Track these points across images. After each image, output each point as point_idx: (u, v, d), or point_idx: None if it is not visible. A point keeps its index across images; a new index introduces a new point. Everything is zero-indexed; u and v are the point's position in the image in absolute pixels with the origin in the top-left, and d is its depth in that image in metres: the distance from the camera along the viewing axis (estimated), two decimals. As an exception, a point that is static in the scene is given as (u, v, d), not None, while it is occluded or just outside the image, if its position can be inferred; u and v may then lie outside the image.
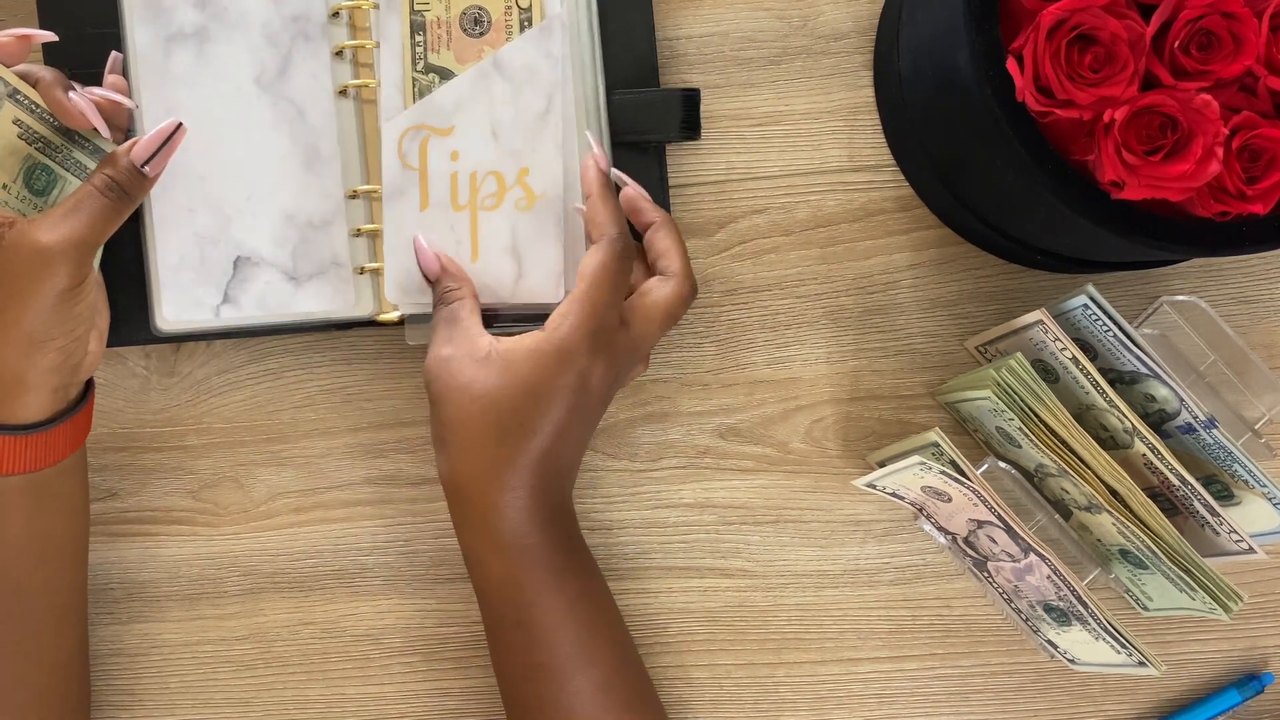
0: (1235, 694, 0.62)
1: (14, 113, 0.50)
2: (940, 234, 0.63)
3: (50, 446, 0.51)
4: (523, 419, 0.53)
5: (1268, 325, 0.63)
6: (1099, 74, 0.47)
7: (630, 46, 0.60)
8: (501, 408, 0.53)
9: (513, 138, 0.58)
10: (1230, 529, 0.55)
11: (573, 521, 0.57)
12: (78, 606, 0.58)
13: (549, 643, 0.54)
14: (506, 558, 0.54)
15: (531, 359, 0.53)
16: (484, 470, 0.53)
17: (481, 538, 0.54)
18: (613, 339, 0.54)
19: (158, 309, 0.58)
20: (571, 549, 0.56)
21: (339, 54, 0.58)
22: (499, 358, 0.53)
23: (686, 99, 0.60)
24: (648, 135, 0.60)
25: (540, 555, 0.54)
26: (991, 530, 0.56)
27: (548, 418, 0.53)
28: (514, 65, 0.57)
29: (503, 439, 0.53)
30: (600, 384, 0.54)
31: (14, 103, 0.50)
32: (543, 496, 0.54)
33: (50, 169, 0.51)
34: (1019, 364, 0.54)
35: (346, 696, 0.64)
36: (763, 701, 0.63)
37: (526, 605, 0.54)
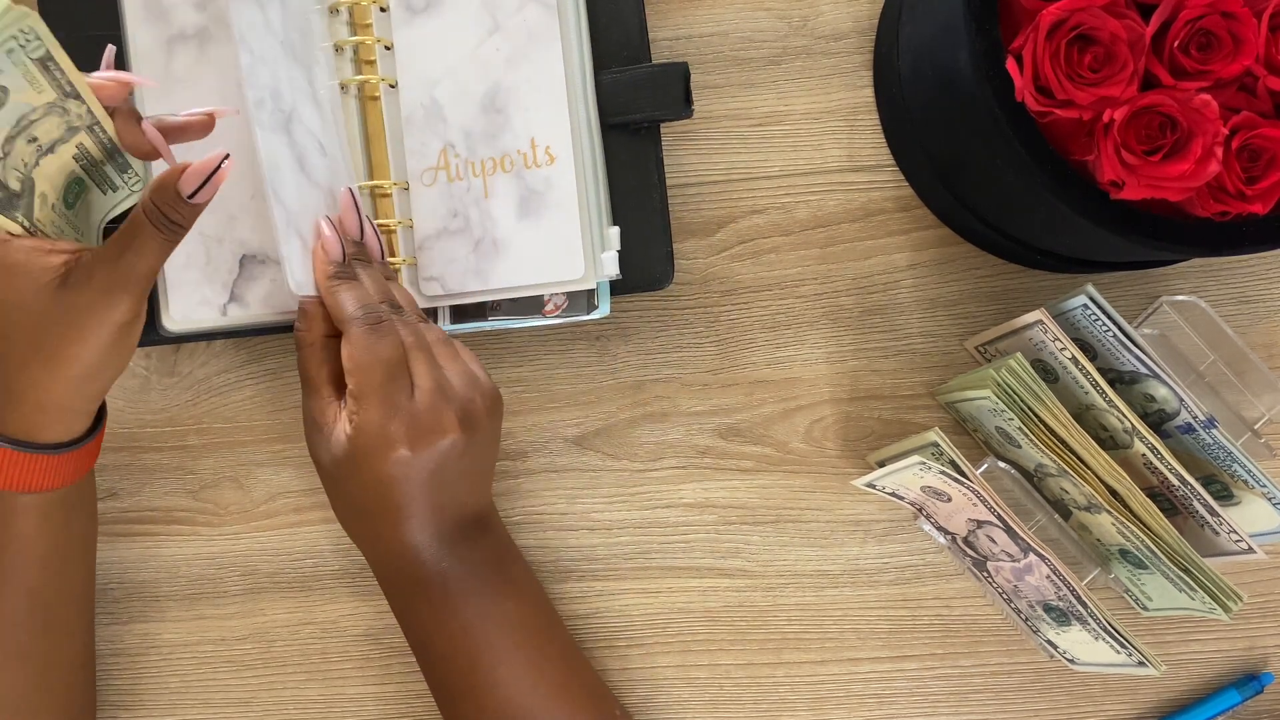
0: (1235, 694, 0.62)
1: (83, 138, 0.49)
2: (940, 234, 0.63)
3: (76, 465, 0.52)
4: (374, 506, 0.54)
5: (1268, 325, 0.63)
6: (1098, 74, 0.47)
7: (619, 25, 0.59)
8: (354, 498, 0.55)
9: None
10: (1230, 529, 0.55)
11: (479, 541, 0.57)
12: (86, 611, 0.58)
13: (496, 654, 0.55)
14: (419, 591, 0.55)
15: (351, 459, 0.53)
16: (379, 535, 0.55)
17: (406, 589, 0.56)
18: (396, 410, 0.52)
19: (164, 309, 0.58)
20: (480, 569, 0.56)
21: (340, 50, 0.58)
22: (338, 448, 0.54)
23: (676, 72, 0.58)
24: (638, 114, 0.59)
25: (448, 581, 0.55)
26: (991, 530, 0.56)
27: (392, 498, 0.53)
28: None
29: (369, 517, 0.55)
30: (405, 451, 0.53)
31: (89, 132, 0.49)
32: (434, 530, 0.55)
33: (83, 181, 0.51)
34: (1019, 364, 0.54)
35: (346, 696, 0.64)
36: (763, 701, 0.63)
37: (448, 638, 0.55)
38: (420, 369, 0.53)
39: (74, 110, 0.48)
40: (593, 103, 0.59)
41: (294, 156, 0.55)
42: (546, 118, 0.58)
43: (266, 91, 0.54)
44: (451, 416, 0.53)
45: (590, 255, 0.58)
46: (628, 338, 0.64)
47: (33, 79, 0.46)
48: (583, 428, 0.64)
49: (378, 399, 0.52)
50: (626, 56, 0.59)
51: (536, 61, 0.58)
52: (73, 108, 0.48)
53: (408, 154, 0.59)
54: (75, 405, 0.50)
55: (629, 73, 0.59)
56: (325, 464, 0.55)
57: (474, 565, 0.55)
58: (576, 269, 0.58)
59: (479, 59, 0.58)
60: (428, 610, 0.55)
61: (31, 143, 0.47)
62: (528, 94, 0.58)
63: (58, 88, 0.47)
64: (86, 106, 0.48)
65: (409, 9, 0.58)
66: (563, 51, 0.58)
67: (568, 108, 0.58)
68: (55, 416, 0.50)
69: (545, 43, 0.58)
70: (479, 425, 0.55)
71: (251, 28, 0.54)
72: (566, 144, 0.58)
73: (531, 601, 0.57)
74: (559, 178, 0.58)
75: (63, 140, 0.49)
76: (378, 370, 0.52)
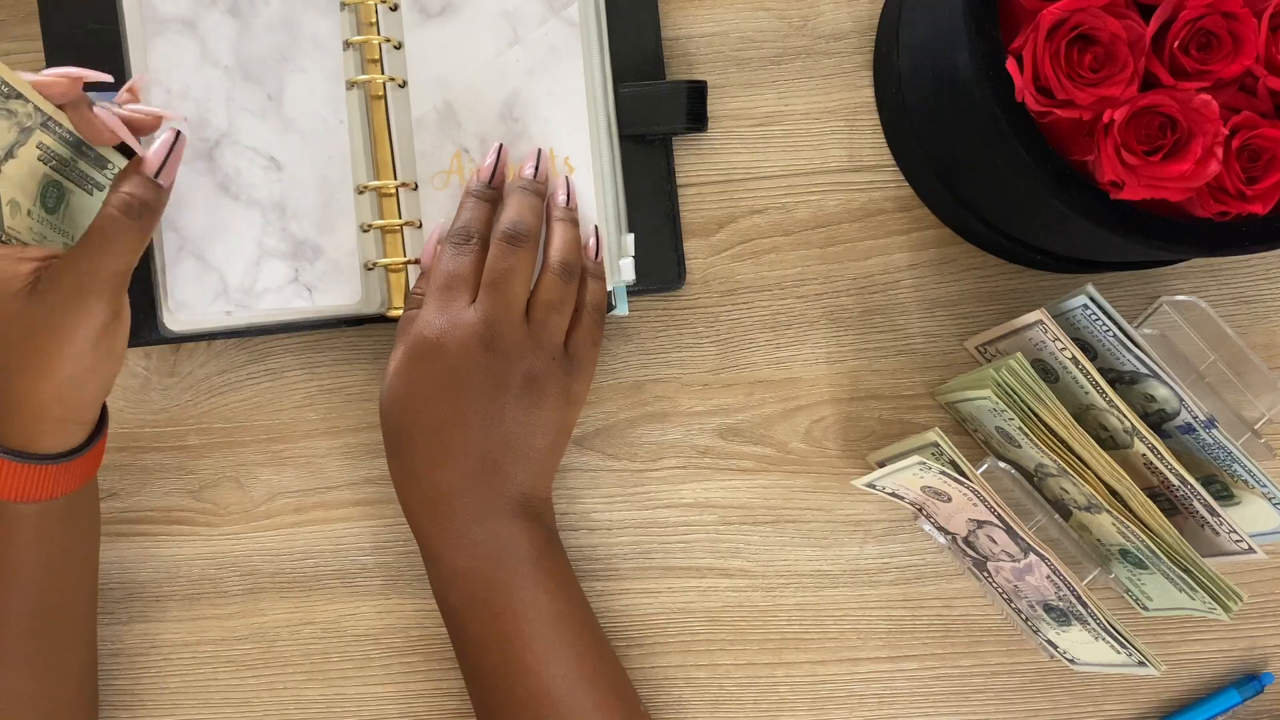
0: (1235, 694, 0.62)
1: (40, 137, 0.49)
2: (940, 234, 0.63)
3: (75, 474, 0.51)
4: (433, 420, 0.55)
5: (1268, 325, 0.63)
6: (1098, 74, 0.48)
7: (636, 40, 0.61)
8: (401, 424, 0.56)
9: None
10: (1230, 529, 0.55)
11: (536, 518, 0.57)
12: (89, 617, 0.58)
13: (527, 641, 0.55)
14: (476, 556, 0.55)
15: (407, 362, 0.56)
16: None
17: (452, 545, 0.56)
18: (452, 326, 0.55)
19: (166, 309, 0.58)
20: (547, 546, 0.57)
21: (346, 48, 0.58)
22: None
23: (693, 90, 0.60)
24: (654, 128, 0.60)
25: (514, 552, 0.55)
26: (991, 530, 0.56)
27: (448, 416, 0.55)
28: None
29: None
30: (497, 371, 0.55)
31: (44, 129, 0.49)
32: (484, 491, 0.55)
33: (60, 184, 0.51)
34: (1019, 364, 0.54)
35: (346, 696, 0.64)
36: (763, 701, 0.63)
37: (502, 609, 0.55)
38: (486, 296, 0.55)
39: (19, 110, 0.47)
40: (613, 116, 0.60)
41: (214, 183, 0.57)
42: (566, 129, 0.59)
43: (185, 125, 0.56)
44: (501, 343, 0.55)
45: (609, 262, 0.60)
46: (628, 338, 0.64)
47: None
48: (583, 428, 0.64)
49: (432, 300, 0.55)
50: (642, 71, 0.61)
51: (558, 75, 0.59)
52: (17, 108, 0.47)
53: (418, 156, 0.59)
54: (68, 414, 0.50)
55: (647, 88, 0.60)
56: (383, 390, 0.56)
57: (515, 548, 0.55)
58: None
59: (497, 67, 0.59)
60: (463, 586, 0.55)
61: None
62: (547, 105, 0.59)
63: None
64: (32, 104, 0.47)
65: (423, 11, 0.59)
66: (584, 67, 0.59)
67: (588, 120, 0.59)
68: (51, 426, 0.49)
69: (567, 57, 0.59)
70: (536, 382, 0.55)
71: (172, 63, 0.57)
72: (586, 155, 0.59)
73: (567, 596, 0.57)
74: (579, 188, 0.59)
75: (19, 143, 0.48)
76: (439, 278, 0.56)
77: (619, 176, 0.60)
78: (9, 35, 0.63)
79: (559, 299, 0.56)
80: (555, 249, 0.57)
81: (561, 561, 0.58)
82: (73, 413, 0.50)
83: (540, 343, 0.56)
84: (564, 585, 0.57)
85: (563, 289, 0.56)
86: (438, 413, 0.55)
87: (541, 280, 0.57)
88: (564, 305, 0.57)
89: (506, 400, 0.55)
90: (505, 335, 0.55)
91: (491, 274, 0.55)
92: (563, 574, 0.57)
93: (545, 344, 0.56)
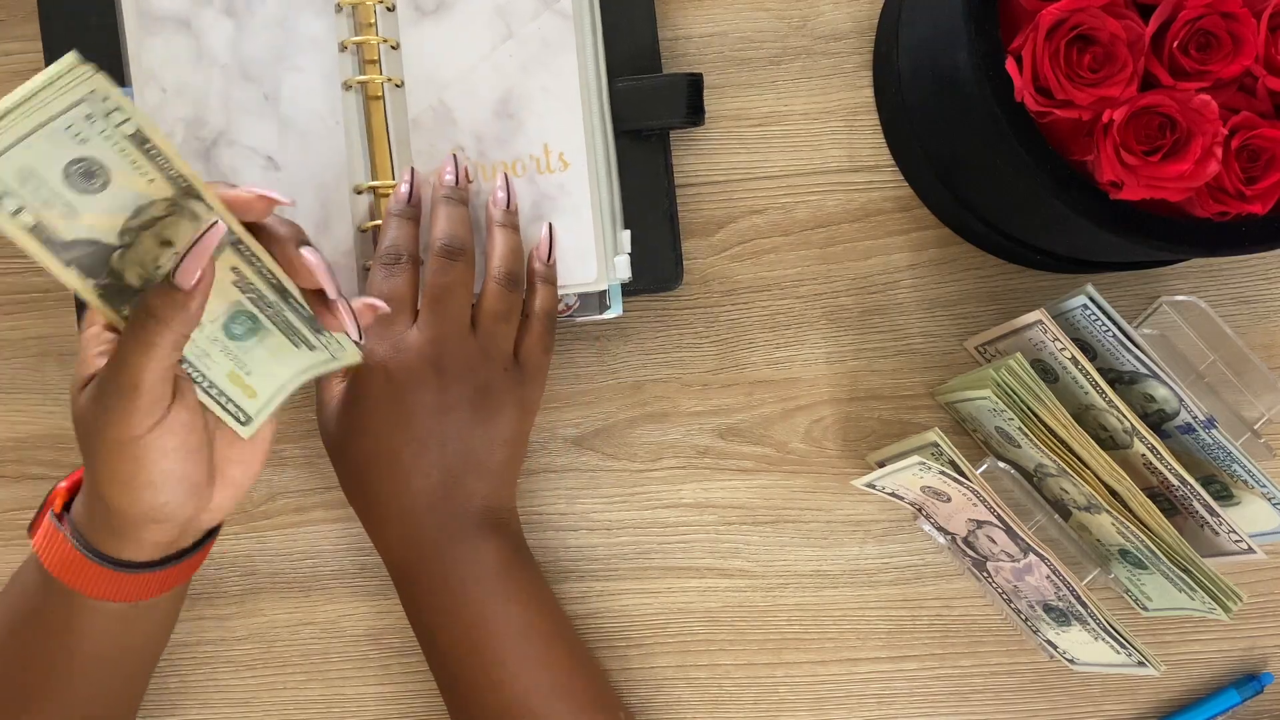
0: (1235, 694, 0.62)
1: (233, 260, 0.46)
2: (940, 234, 0.63)
3: (150, 584, 0.50)
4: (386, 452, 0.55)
5: (1268, 325, 0.63)
6: (1098, 74, 0.47)
7: (631, 33, 0.60)
8: (355, 458, 0.55)
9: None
10: (1230, 529, 0.55)
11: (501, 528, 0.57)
12: (135, 708, 0.57)
13: (498, 654, 0.54)
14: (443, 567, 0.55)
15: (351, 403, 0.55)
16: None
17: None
18: (402, 347, 0.54)
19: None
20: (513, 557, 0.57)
21: (342, 50, 0.58)
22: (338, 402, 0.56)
23: (690, 83, 0.60)
24: (651, 122, 0.60)
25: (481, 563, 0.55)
26: (991, 530, 0.56)
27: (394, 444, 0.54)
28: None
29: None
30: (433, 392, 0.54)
31: (235, 251, 0.46)
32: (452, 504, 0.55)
33: (256, 318, 0.48)
34: (1019, 364, 0.54)
35: (346, 696, 0.64)
36: (763, 701, 0.63)
37: (474, 620, 0.55)
38: (428, 314, 0.54)
39: (203, 215, 0.44)
40: (607, 110, 0.60)
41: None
42: (561, 124, 0.59)
43: (181, 123, 0.56)
44: (450, 362, 0.54)
45: (604, 259, 0.59)
46: (627, 338, 0.64)
47: (133, 160, 0.41)
48: (582, 428, 0.64)
49: (373, 331, 0.54)
50: (638, 65, 0.60)
51: (552, 69, 0.58)
52: (199, 211, 0.44)
53: (415, 156, 0.59)
54: (131, 522, 0.47)
55: (643, 81, 0.60)
56: (329, 426, 0.56)
57: (482, 562, 0.55)
58: (590, 273, 0.59)
59: (492, 64, 0.59)
60: (434, 603, 0.55)
61: (165, 246, 0.44)
62: (542, 100, 0.58)
63: (169, 180, 0.42)
64: (216, 214, 0.44)
65: (418, 10, 0.58)
66: (578, 60, 0.58)
67: (582, 115, 0.59)
68: (120, 532, 0.48)
69: (560, 51, 0.58)
70: (489, 394, 0.55)
71: (166, 62, 0.57)
72: (581, 150, 0.59)
73: (538, 606, 0.57)
74: (573, 183, 0.59)
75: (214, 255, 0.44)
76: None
77: (614, 172, 0.60)
78: (9, 35, 0.63)
79: (506, 309, 0.55)
80: (499, 258, 0.56)
81: (531, 572, 0.57)
82: (136, 522, 0.47)
83: (490, 355, 0.55)
84: (534, 596, 0.57)
85: (509, 298, 0.56)
86: (393, 439, 0.54)
87: (486, 290, 0.56)
88: (511, 315, 0.56)
89: (461, 417, 0.54)
90: (453, 353, 0.54)
91: (433, 290, 0.54)
92: (533, 585, 0.57)
93: (495, 356, 0.55)
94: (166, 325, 0.42)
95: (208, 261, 0.43)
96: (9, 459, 0.63)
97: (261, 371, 0.49)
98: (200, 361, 0.47)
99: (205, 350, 0.47)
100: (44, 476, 0.63)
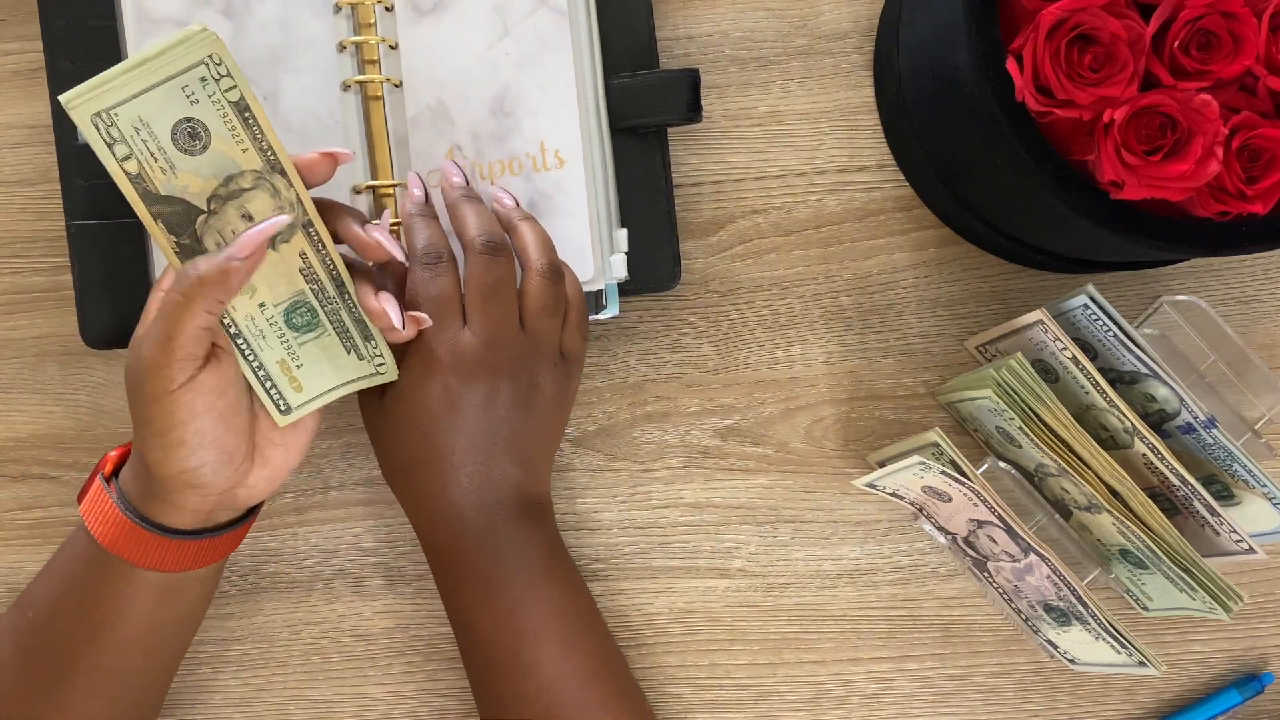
0: (1235, 694, 0.62)
1: (302, 244, 0.49)
2: (940, 234, 0.63)
3: (186, 553, 0.51)
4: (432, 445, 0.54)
5: (1268, 325, 0.63)
6: (1098, 74, 0.47)
7: (628, 30, 0.60)
8: (401, 447, 0.55)
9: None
10: (1230, 529, 0.55)
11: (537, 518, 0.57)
12: (167, 684, 0.58)
13: (537, 636, 0.55)
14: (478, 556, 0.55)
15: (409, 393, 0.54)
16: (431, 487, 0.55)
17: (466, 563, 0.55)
18: (457, 347, 0.53)
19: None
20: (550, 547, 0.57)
21: (341, 50, 0.58)
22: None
23: (687, 79, 0.59)
24: (649, 119, 0.60)
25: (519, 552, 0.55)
26: (991, 530, 0.56)
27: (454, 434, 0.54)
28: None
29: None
30: (499, 388, 0.54)
31: (305, 234, 0.48)
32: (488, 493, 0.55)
33: (315, 313, 0.50)
34: (1019, 364, 0.54)
35: (346, 696, 0.64)
36: (763, 701, 0.63)
37: (508, 611, 0.55)
38: (480, 315, 0.53)
39: (283, 192, 0.47)
40: (603, 108, 0.59)
41: None
42: (556, 122, 0.58)
43: None
44: (505, 362, 0.54)
45: (600, 258, 0.59)
46: (628, 338, 0.63)
47: (232, 127, 0.45)
48: (583, 428, 0.64)
49: (425, 332, 0.53)
50: (635, 62, 0.60)
51: (547, 66, 0.58)
52: (280, 187, 0.47)
53: (413, 155, 0.59)
54: (172, 486, 0.50)
55: (640, 78, 0.59)
56: (373, 413, 0.55)
57: (525, 550, 0.55)
58: (586, 271, 0.58)
59: (488, 62, 0.58)
60: (474, 589, 0.55)
61: (246, 219, 0.47)
62: (537, 98, 0.58)
63: (260, 152, 0.46)
64: (295, 192, 0.47)
65: (416, 10, 0.58)
66: (573, 57, 0.58)
67: (578, 112, 0.58)
68: (162, 496, 0.50)
69: (556, 48, 0.58)
70: (536, 388, 0.55)
71: None
72: (577, 148, 0.58)
73: (576, 593, 0.57)
74: (569, 181, 0.58)
75: (283, 237, 0.48)
76: (425, 305, 0.53)
77: (610, 169, 0.60)
78: (9, 35, 0.63)
79: (553, 302, 0.55)
80: (536, 250, 0.55)
81: (569, 560, 0.58)
82: (175, 486, 0.50)
83: (540, 351, 0.55)
84: (574, 583, 0.57)
85: (554, 290, 0.55)
86: (446, 438, 0.54)
87: (531, 284, 0.55)
88: (558, 307, 0.55)
89: (513, 413, 0.55)
90: (507, 352, 0.54)
91: (481, 289, 0.53)
92: (572, 572, 0.57)
93: (545, 351, 0.55)
94: (205, 288, 0.46)
95: (263, 243, 0.47)
96: (9, 459, 0.63)
97: (311, 369, 0.52)
98: (256, 341, 0.50)
99: (263, 331, 0.50)
100: (44, 476, 0.63)
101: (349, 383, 0.53)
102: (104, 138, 0.44)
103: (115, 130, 0.44)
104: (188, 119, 0.45)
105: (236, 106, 0.45)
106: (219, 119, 0.45)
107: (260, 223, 0.47)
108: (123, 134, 0.44)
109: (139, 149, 0.45)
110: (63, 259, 0.63)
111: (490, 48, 0.58)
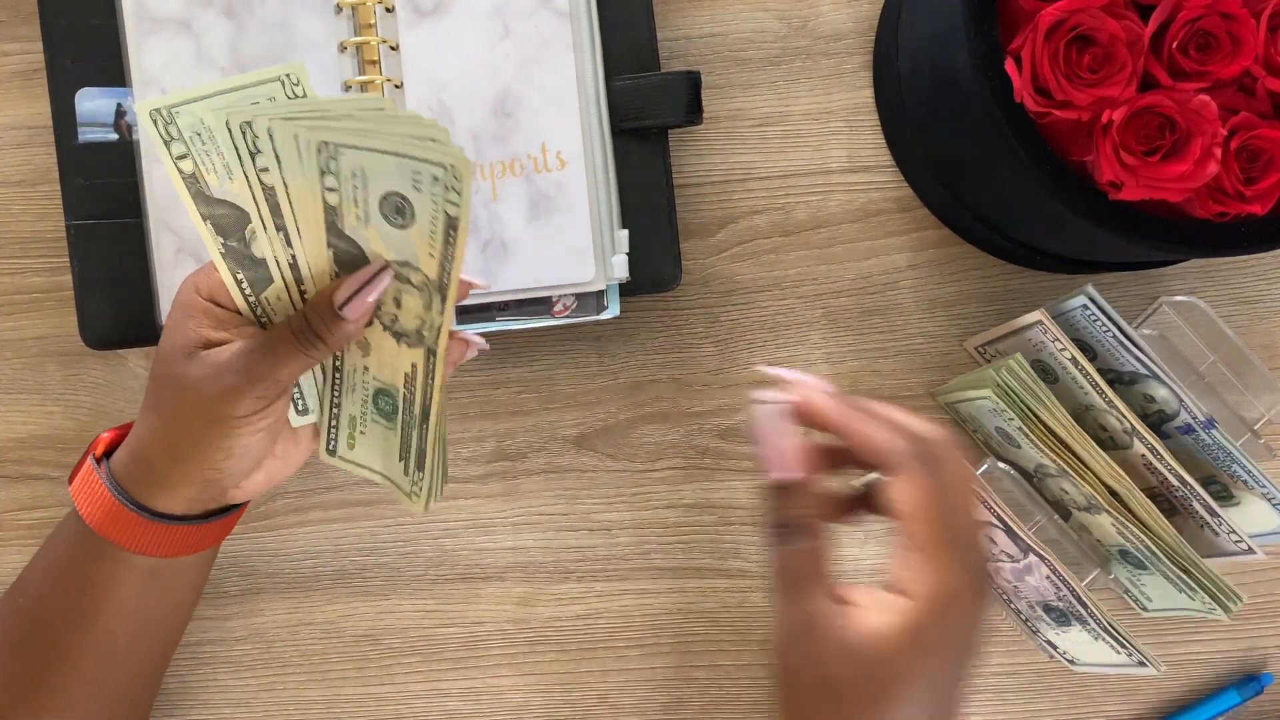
0: (1235, 694, 0.62)
1: (418, 360, 0.49)
2: (940, 234, 0.63)
3: (174, 538, 0.52)
4: None
5: (1267, 325, 0.63)
6: (1097, 74, 0.48)
7: (629, 32, 0.60)
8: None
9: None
10: (1230, 529, 0.55)
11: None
12: (159, 674, 0.58)
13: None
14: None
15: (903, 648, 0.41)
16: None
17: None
18: None
19: (162, 309, 0.58)
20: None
21: (342, 50, 0.58)
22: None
23: (688, 81, 0.60)
24: (650, 120, 0.60)
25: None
26: (991, 531, 0.56)
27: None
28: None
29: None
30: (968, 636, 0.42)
31: (425, 356, 0.49)
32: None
33: (395, 413, 0.51)
34: (1019, 364, 0.54)
35: (346, 697, 0.64)
36: (763, 702, 0.63)
37: None
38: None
39: (433, 313, 0.47)
40: (604, 109, 0.59)
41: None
42: (558, 123, 0.58)
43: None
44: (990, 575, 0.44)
45: (600, 259, 0.59)
46: (628, 338, 0.64)
47: (433, 232, 0.44)
48: (583, 428, 0.64)
49: (968, 550, 0.41)
50: (636, 63, 0.60)
51: (548, 67, 0.58)
52: (435, 307, 0.47)
53: None
54: (176, 480, 0.50)
55: (640, 79, 0.59)
56: (832, 670, 0.42)
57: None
58: (587, 272, 0.58)
59: (489, 63, 0.58)
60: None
61: (394, 303, 0.47)
62: (539, 99, 0.58)
63: (440, 268, 0.45)
64: (441, 319, 0.47)
65: (417, 11, 0.58)
66: (575, 58, 0.58)
67: (579, 114, 0.58)
68: (162, 483, 0.50)
69: (557, 49, 0.58)
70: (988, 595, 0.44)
71: (166, 63, 0.57)
72: (578, 149, 0.58)
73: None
74: (570, 183, 0.58)
75: (411, 344, 0.48)
76: (961, 515, 0.41)
77: (611, 171, 0.60)
78: (9, 35, 0.63)
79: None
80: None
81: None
82: (181, 480, 0.50)
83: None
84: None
85: None
86: (951, 693, 0.42)
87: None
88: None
89: None
90: None
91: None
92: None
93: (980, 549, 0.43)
94: (323, 343, 0.48)
95: (372, 303, 0.47)
96: (9, 459, 0.63)
97: (368, 441, 0.53)
98: (348, 386, 0.52)
99: (354, 386, 0.52)
100: (44, 476, 0.63)
101: (387, 478, 0.54)
102: (319, 166, 0.44)
103: (334, 166, 0.44)
104: (405, 197, 0.44)
105: (448, 219, 0.43)
106: (427, 219, 0.44)
107: (370, 277, 0.47)
108: (338, 173, 0.44)
109: (346, 191, 0.44)
110: (63, 259, 0.63)
111: (491, 49, 0.58)
